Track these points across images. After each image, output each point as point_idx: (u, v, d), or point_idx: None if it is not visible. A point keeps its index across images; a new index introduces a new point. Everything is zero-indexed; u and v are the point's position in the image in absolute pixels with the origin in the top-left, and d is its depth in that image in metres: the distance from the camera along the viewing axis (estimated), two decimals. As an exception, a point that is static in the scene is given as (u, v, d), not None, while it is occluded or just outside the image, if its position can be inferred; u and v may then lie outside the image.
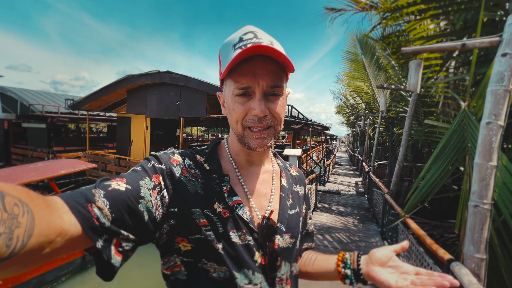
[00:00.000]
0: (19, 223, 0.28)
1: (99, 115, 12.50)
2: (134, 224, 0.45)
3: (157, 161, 0.54)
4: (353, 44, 7.01)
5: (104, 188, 0.44)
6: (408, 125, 4.29)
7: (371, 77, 7.05)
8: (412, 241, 2.92)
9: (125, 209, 0.44)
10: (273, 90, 0.53)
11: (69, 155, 9.82)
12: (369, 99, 8.83)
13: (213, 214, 0.53)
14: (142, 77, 7.82)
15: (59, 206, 0.37)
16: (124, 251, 0.45)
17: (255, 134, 0.54)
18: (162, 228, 0.51)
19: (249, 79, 0.51)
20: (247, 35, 0.53)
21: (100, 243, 0.41)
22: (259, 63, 0.51)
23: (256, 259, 0.54)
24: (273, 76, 0.52)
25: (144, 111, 8.50)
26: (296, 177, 0.74)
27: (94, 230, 0.40)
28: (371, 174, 6.89)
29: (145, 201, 0.47)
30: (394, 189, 4.69)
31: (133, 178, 0.48)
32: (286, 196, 0.65)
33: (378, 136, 7.88)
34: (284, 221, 0.60)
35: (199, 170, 0.57)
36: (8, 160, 10.92)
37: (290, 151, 5.50)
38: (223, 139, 0.67)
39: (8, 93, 10.93)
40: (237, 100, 0.53)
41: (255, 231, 0.55)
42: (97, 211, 0.40)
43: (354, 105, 15.28)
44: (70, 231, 0.36)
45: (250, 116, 0.53)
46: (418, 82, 2.29)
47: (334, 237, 4.52)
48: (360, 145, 17.30)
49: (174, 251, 0.54)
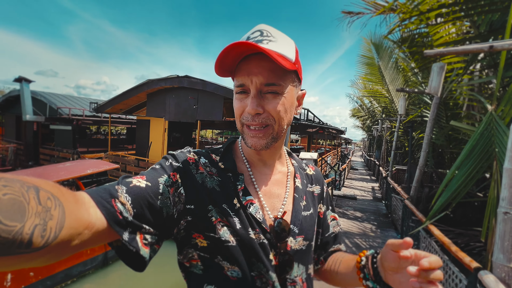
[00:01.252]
0: (52, 215, 0.30)
1: (120, 117, 13.04)
2: (154, 219, 0.47)
3: (174, 160, 0.56)
4: (367, 48, 6.92)
5: (126, 185, 0.46)
6: (430, 129, 4.17)
7: (388, 81, 6.92)
8: (435, 248, 2.84)
9: (146, 204, 0.46)
10: (270, 88, 0.52)
11: (92, 155, 10.31)
12: (386, 103, 8.64)
13: (231, 209, 0.54)
14: (161, 82, 8.11)
15: (86, 201, 0.39)
16: (150, 244, 0.47)
17: (251, 132, 0.55)
18: (180, 224, 0.53)
19: (244, 77, 0.52)
20: (254, 34, 0.53)
21: (126, 236, 0.43)
22: (255, 61, 0.51)
23: (270, 258, 0.54)
24: (268, 73, 0.51)
25: (162, 114, 8.80)
26: (312, 177, 0.73)
27: (118, 223, 0.42)
28: (389, 179, 6.72)
29: (164, 198, 0.49)
30: (414, 195, 4.55)
31: (152, 175, 0.51)
32: (300, 197, 0.64)
33: (396, 140, 7.68)
34: (297, 223, 0.59)
35: (215, 168, 0.59)
36: (36, 160, 11.62)
37: (305, 155, 5.49)
38: (238, 139, 0.67)
39: (39, 97, 11.69)
40: (236, 97, 0.55)
41: (267, 232, 0.55)
42: (120, 206, 0.43)
43: (370, 109, 14.97)
44: (96, 225, 0.38)
45: (245, 113, 0.54)
46: (440, 86, 2.26)
47: (352, 242, 4.45)
48: (376, 150, 16.87)
49: (192, 246, 0.55)
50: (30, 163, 11.54)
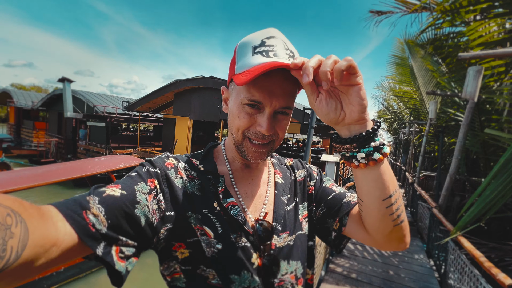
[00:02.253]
0: (12, 233, 0.27)
1: (148, 116, 13.79)
2: (132, 229, 0.44)
3: (151, 166, 0.54)
4: (400, 47, 6.63)
5: (98, 195, 0.43)
6: (463, 134, 3.94)
7: (420, 83, 6.60)
8: (465, 261, 2.68)
9: (121, 214, 0.43)
10: (283, 110, 0.52)
11: (122, 151, 11.03)
12: (415, 105, 8.22)
13: (211, 214, 0.53)
14: (188, 82, 8.46)
15: (53, 215, 0.36)
16: (127, 257, 0.44)
17: (254, 147, 0.53)
18: (160, 233, 0.50)
19: (263, 96, 0.49)
20: (270, 40, 0.50)
21: (100, 250, 0.40)
22: (279, 80, 0.49)
23: (253, 261, 0.53)
24: (288, 97, 0.51)
25: (188, 113, 9.16)
26: (293, 165, 0.71)
27: (91, 237, 0.39)
28: (416, 186, 6.41)
29: (141, 206, 0.46)
30: (443, 204, 4.32)
31: (128, 183, 0.48)
32: (281, 192, 0.62)
33: (425, 145, 7.29)
34: (279, 220, 0.58)
35: (195, 172, 0.58)
36: (74, 153, 12.67)
37: (327, 157, 5.43)
38: (220, 143, 0.66)
39: (78, 96, 12.76)
40: (244, 109, 0.51)
41: (250, 234, 0.54)
42: (92, 218, 0.39)
43: (397, 111, 14.29)
44: (65, 240, 0.35)
45: (254, 129, 0.52)
46: (477, 90, 2.16)
47: (372, 250, 4.34)
48: (403, 154, 16.04)
49: (173, 258, 0.53)
50: (69, 156, 12.62)
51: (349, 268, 3.58)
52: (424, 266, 3.90)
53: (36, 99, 17.85)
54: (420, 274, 3.66)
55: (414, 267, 3.85)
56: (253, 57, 0.49)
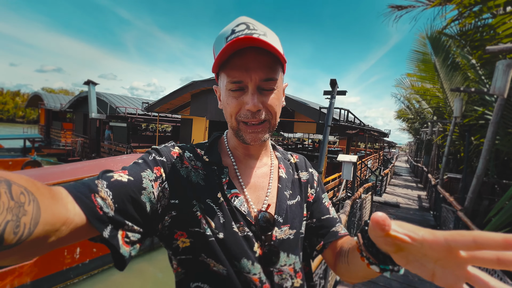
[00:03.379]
0: (25, 211, 0.29)
1: (166, 116, 14.23)
2: (138, 215, 0.46)
3: (158, 154, 0.55)
4: (422, 43, 6.33)
5: (107, 179, 0.44)
6: (492, 134, 3.70)
7: (444, 79, 6.27)
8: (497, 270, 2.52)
9: (128, 199, 0.44)
10: (267, 83, 0.52)
11: (142, 150, 11.45)
12: (438, 103, 7.83)
13: (215, 204, 0.54)
14: (204, 83, 8.64)
15: (63, 196, 0.37)
16: (132, 242, 0.45)
17: (249, 128, 0.54)
18: (164, 220, 0.52)
19: (241, 73, 0.50)
20: (239, 27, 0.51)
21: (106, 233, 0.41)
22: (251, 56, 0.50)
23: (255, 250, 0.54)
24: (266, 69, 0.51)
25: (204, 113, 9.35)
26: (297, 164, 0.72)
27: (99, 219, 0.40)
28: (440, 188, 6.11)
29: (147, 192, 0.48)
30: (469, 207, 4.09)
31: (135, 170, 0.49)
32: (284, 187, 0.63)
33: (450, 145, 6.92)
34: (281, 213, 0.59)
35: (200, 162, 0.58)
36: (98, 152, 13.34)
37: (344, 157, 5.32)
38: (223, 134, 0.67)
39: (102, 97, 13.47)
40: (230, 94, 0.53)
41: (252, 224, 0.55)
42: (100, 201, 0.41)
43: (419, 110, 13.68)
44: (74, 220, 0.37)
45: (244, 111, 0.53)
46: (507, 86, 2.03)
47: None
48: (425, 155, 15.32)
49: (173, 249, 0.54)
50: (93, 154, 13.31)
51: (366, 271, 3.48)
52: (448, 272, 3.71)
53: (64, 101, 18.99)
54: (444, 280, 3.48)
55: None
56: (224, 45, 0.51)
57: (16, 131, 25.04)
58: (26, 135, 12.13)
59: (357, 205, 4.63)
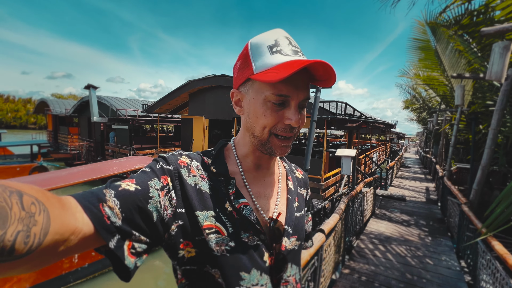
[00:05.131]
0: (36, 221, 0.29)
1: (168, 117, 14.27)
2: (145, 224, 0.46)
3: (165, 163, 0.55)
4: (422, 29, 6.01)
5: (114, 188, 0.45)
6: (497, 121, 3.47)
7: (447, 66, 5.96)
8: (498, 268, 2.33)
9: (135, 208, 0.45)
10: (304, 102, 0.55)
11: (144, 152, 11.54)
12: (445, 92, 7.48)
13: (223, 213, 0.54)
14: (200, 82, 8.55)
15: (72, 206, 0.38)
16: (137, 253, 0.45)
17: (281, 142, 0.55)
18: (170, 229, 0.51)
19: (290, 90, 0.52)
20: (282, 40, 0.54)
21: (113, 243, 0.41)
22: (301, 75, 0.52)
23: (265, 259, 0.55)
24: (308, 90, 0.55)
25: (203, 112, 9.29)
26: (301, 180, 0.75)
27: (106, 229, 0.41)
28: (446, 180, 5.86)
29: (154, 201, 0.47)
30: (475, 199, 3.87)
31: (142, 179, 0.49)
32: (293, 199, 0.65)
33: (457, 135, 6.62)
34: (291, 224, 0.61)
35: (207, 172, 0.58)
36: (103, 155, 13.54)
37: (343, 152, 5.14)
38: (230, 142, 0.67)
39: (103, 101, 13.61)
40: (269, 107, 0.53)
41: (262, 232, 0.55)
42: (108, 210, 0.41)
43: (426, 99, 13.21)
44: (83, 230, 0.37)
45: (282, 124, 0.54)
46: (504, 69, 1.85)
47: (392, 250, 4.03)
48: (434, 145, 14.84)
49: (178, 259, 0.53)
50: (99, 158, 13.52)
51: (365, 271, 3.35)
52: (453, 269, 3.53)
53: (69, 106, 19.32)
54: (448, 277, 3.31)
55: (440, 270, 3.50)
56: (272, 56, 0.52)
57: (26, 137, 25.78)
58: (32, 141, 12.40)
59: (358, 201, 4.48)
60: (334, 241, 2.98)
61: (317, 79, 0.56)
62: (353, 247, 4.02)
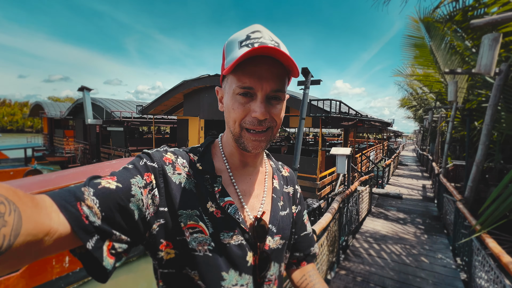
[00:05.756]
0: (5, 222, 0.28)
1: (163, 118, 14.17)
2: (125, 223, 0.44)
3: (149, 159, 0.53)
4: (416, 26, 5.98)
5: (94, 186, 0.43)
6: (490, 117, 3.43)
7: (442, 63, 5.93)
8: (492, 266, 2.27)
9: (116, 207, 0.43)
10: (275, 94, 0.52)
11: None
12: (440, 89, 7.47)
13: (204, 213, 0.53)
14: (195, 82, 8.48)
15: (47, 205, 0.36)
16: (117, 254, 0.44)
17: (253, 136, 0.53)
18: (152, 228, 0.50)
19: (253, 80, 0.50)
20: (254, 34, 0.52)
21: (91, 244, 0.39)
22: (266, 65, 0.50)
23: (248, 259, 0.55)
24: (277, 80, 0.52)
25: (197, 113, 9.21)
26: (287, 178, 0.74)
27: (84, 229, 0.39)
28: (442, 177, 5.83)
29: (136, 200, 0.46)
30: (470, 196, 3.83)
31: (124, 176, 0.47)
32: (278, 198, 0.65)
33: (452, 132, 6.59)
34: (275, 222, 0.61)
35: (192, 169, 0.57)
36: (98, 157, 13.43)
37: (337, 150, 5.09)
38: (217, 138, 0.66)
39: (97, 103, 13.50)
40: (237, 100, 0.52)
41: (246, 231, 0.55)
42: (86, 210, 0.39)
43: (423, 96, 13.22)
44: (58, 230, 0.35)
45: (250, 117, 0.52)
46: (493, 62, 1.80)
47: (388, 248, 3.98)
48: (431, 142, 14.85)
49: (158, 260, 0.53)
50: (94, 160, 13.40)
51: (360, 271, 3.29)
52: (448, 267, 3.48)
53: (64, 109, 19.19)
54: (443, 276, 3.27)
55: (436, 268, 3.45)
56: (239, 50, 0.50)
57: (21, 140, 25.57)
58: (26, 144, 12.26)
59: (353, 199, 4.43)
60: (327, 241, 2.93)
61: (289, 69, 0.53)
62: (348, 247, 3.97)
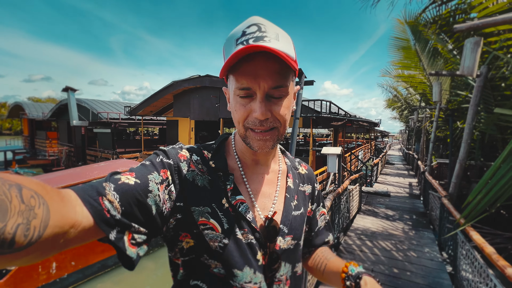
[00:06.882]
0: (35, 214, 0.30)
1: (152, 119, 13.90)
2: (143, 217, 0.46)
3: (165, 156, 0.55)
4: (402, 29, 6.21)
5: (114, 182, 0.45)
6: (472, 116, 3.61)
7: (426, 65, 6.18)
8: (477, 258, 2.39)
9: (134, 202, 0.45)
10: (276, 91, 0.50)
11: (128, 155, 11.18)
12: (424, 90, 7.77)
13: (219, 209, 0.54)
14: (185, 82, 8.40)
15: (72, 199, 0.38)
16: (138, 243, 0.46)
17: (257, 135, 0.53)
18: (169, 222, 0.53)
19: (249, 80, 0.49)
20: (250, 28, 0.49)
21: (113, 235, 0.42)
22: (261, 62, 0.48)
23: (258, 258, 0.55)
24: (276, 76, 0.49)
25: (188, 114, 9.12)
26: (304, 176, 0.73)
27: (106, 222, 0.41)
28: (427, 175, 6.06)
29: (153, 195, 0.48)
30: (454, 192, 4.01)
31: (142, 172, 0.49)
32: (291, 197, 0.64)
33: (436, 131, 6.87)
34: (287, 223, 0.60)
35: (206, 166, 0.58)
36: (84, 160, 12.99)
37: (328, 150, 5.19)
38: (231, 135, 0.66)
39: (83, 104, 13.05)
40: (238, 101, 0.52)
41: (257, 231, 0.55)
42: (107, 204, 0.42)
43: (408, 97, 13.67)
44: (82, 223, 0.38)
45: (252, 118, 0.52)
46: (475, 64, 1.90)
47: (378, 244, 4.10)
48: (416, 142, 15.39)
49: (178, 250, 0.55)
50: (80, 163, 12.95)
51: (351, 266, 3.37)
52: (435, 260, 3.63)
53: (47, 110, 18.44)
54: (430, 268, 3.40)
55: (423, 261, 3.59)
56: (235, 49, 0.48)
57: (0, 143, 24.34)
58: (5, 147, 11.70)
59: (344, 198, 4.53)
60: (321, 238, 2.99)
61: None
62: (340, 244, 4.06)
